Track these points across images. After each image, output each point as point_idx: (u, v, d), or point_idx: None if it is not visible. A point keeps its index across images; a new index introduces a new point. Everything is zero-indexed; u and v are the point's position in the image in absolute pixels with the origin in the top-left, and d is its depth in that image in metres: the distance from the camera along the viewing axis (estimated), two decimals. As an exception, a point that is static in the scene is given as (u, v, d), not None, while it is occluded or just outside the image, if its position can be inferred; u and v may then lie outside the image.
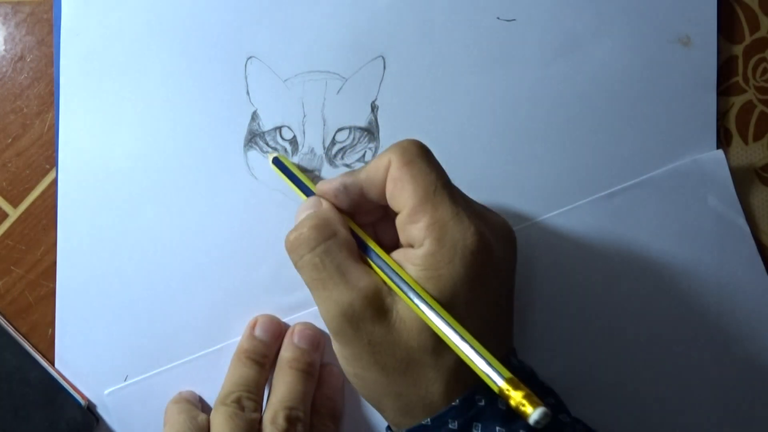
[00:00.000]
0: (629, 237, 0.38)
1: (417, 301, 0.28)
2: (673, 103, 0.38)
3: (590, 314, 0.38)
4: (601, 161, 0.38)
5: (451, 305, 0.28)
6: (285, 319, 0.38)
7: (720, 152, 0.38)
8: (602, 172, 0.38)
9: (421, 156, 0.30)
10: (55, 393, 0.38)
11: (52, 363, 0.38)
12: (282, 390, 0.35)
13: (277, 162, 0.37)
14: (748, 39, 0.39)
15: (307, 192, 0.35)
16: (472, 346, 0.27)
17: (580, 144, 0.38)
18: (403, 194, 0.30)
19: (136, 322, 0.38)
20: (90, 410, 0.38)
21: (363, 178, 0.31)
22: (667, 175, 0.38)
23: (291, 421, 0.33)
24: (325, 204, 0.32)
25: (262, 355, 0.36)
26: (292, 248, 0.31)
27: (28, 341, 0.39)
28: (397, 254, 0.30)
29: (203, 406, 0.38)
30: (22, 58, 0.39)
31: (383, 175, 0.30)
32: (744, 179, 0.39)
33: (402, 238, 0.31)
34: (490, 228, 0.31)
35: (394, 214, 0.31)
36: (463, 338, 0.27)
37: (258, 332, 0.37)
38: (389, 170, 0.30)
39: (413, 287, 0.28)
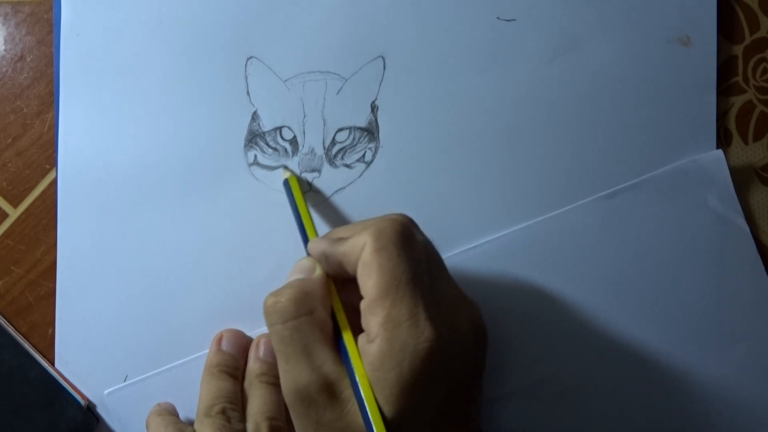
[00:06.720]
0: (629, 237, 0.38)
1: (362, 407, 0.28)
2: (673, 103, 0.38)
3: (590, 314, 0.38)
4: (600, 161, 0.38)
5: (395, 411, 0.28)
6: (249, 333, 0.38)
7: (720, 152, 0.38)
8: (602, 172, 0.38)
9: (395, 242, 0.29)
10: (55, 393, 0.38)
11: (52, 363, 0.38)
12: (258, 402, 0.35)
13: (287, 185, 0.37)
14: (748, 39, 0.39)
15: (304, 232, 0.34)
16: None
17: (580, 144, 0.38)
18: (368, 282, 0.29)
19: (136, 322, 0.38)
20: (90, 410, 0.38)
21: (341, 252, 0.31)
22: (667, 175, 0.38)
23: (275, 431, 0.34)
24: (317, 272, 0.32)
25: (234, 367, 0.37)
26: (266, 313, 0.31)
27: (28, 341, 0.39)
28: (361, 340, 0.30)
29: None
30: (22, 58, 0.39)
31: (358, 256, 0.30)
32: (744, 179, 0.39)
33: (363, 323, 0.30)
34: (454, 326, 0.30)
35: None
36: None
37: (225, 346, 0.37)
38: (362, 252, 0.30)
39: (363, 393, 0.28)
